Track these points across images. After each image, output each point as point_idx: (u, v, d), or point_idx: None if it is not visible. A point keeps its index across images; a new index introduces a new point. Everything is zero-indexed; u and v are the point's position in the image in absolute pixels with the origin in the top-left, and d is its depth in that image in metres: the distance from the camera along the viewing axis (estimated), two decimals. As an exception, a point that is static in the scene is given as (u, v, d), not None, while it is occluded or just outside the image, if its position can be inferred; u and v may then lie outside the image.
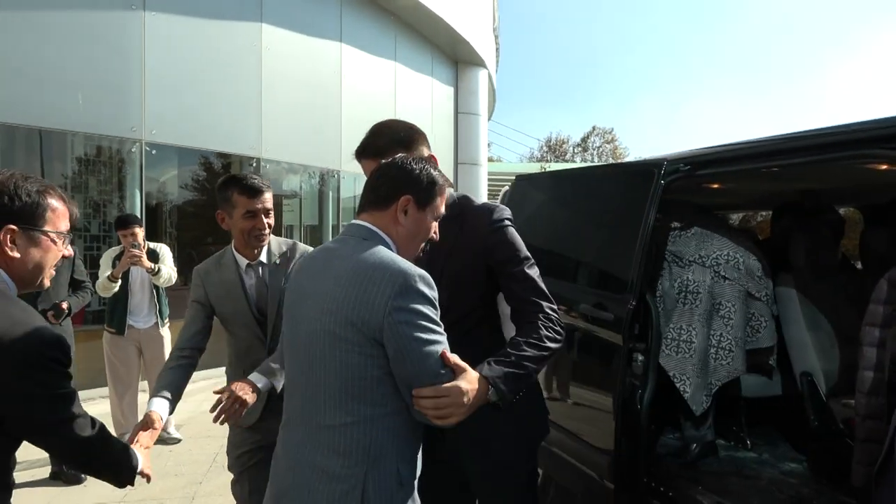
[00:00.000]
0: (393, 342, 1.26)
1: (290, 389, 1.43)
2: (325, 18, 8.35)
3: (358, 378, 1.27)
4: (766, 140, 2.35)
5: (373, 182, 1.47)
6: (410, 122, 1.76)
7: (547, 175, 3.64)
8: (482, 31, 13.17)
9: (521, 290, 1.68)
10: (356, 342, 1.26)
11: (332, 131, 8.37)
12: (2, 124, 5.33)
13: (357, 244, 1.38)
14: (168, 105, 6.25)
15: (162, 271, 4.27)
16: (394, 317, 1.25)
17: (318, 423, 1.31)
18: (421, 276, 1.30)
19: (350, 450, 1.27)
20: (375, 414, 1.28)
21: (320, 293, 1.33)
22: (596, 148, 45.63)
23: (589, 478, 2.67)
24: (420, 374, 1.28)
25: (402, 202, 1.42)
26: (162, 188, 7.08)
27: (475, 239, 1.68)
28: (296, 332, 1.39)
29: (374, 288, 1.26)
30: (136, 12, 5.98)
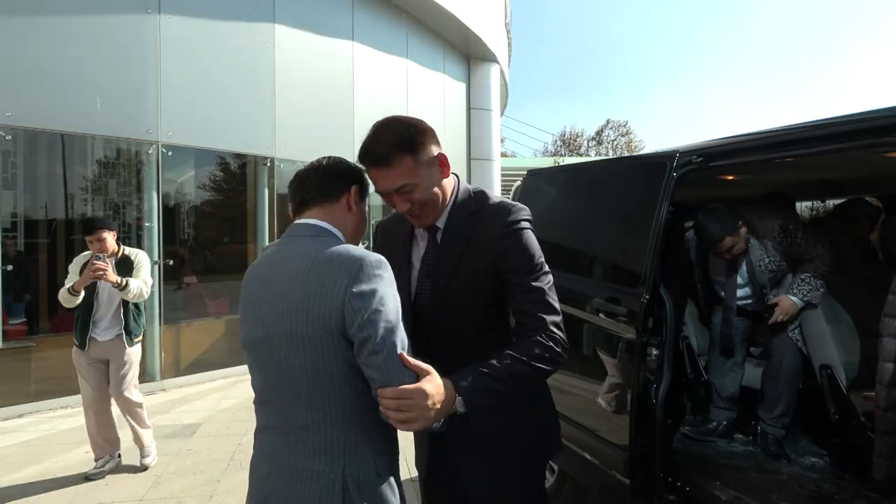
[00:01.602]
0: (354, 328, 1.23)
1: (261, 396, 1.40)
2: (337, 18, 8.37)
3: (326, 375, 1.27)
4: (780, 130, 2.31)
5: (320, 177, 1.46)
6: (415, 119, 1.56)
7: (558, 169, 3.61)
8: (494, 27, 13.11)
9: (527, 301, 1.52)
10: (320, 338, 1.25)
11: (346, 130, 8.40)
12: (24, 129, 5.42)
13: (308, 242, 1.36)
14: (183, 107, 6.31)
15: (130, 286, 3.78)
16: (353, 303, 1.22)
17: (291, 424, 1.30)
18: (377, 260, 1.29)
19: (325, 447, 1.28)
20: (346, 409, 1.28)
21: (276, 295, 1.31)
22: (611, 141, 45.23)
23: (605, 473, 2.66)
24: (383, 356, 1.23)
25: (354, 193, 1.46)
26: (178, 189, 7.17)
27: (487, 240, 1.55)
28: (257, 338, 1.35)
29: (331, 280, 1.25)
30: (151, 16, 6.04)
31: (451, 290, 1.57)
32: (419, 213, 1.56)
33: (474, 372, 1.38)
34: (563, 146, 45.29)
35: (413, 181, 1.49)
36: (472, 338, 1.59)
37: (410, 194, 1.51)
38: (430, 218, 1.59)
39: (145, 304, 4.11)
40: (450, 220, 1.61)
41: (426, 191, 1.52)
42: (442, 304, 1.58)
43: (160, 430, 4.87)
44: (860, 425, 2.53)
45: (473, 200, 1.62)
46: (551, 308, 1.53)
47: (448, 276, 1.57)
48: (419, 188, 1.51)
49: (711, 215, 2.97)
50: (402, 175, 1.48)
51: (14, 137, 5.54)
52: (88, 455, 4.30)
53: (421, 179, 1.50)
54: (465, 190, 1.65)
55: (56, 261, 6.12)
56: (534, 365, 1.44)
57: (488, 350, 1.52)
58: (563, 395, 2.91)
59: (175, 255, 6.74)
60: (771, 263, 3.06)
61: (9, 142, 5.45)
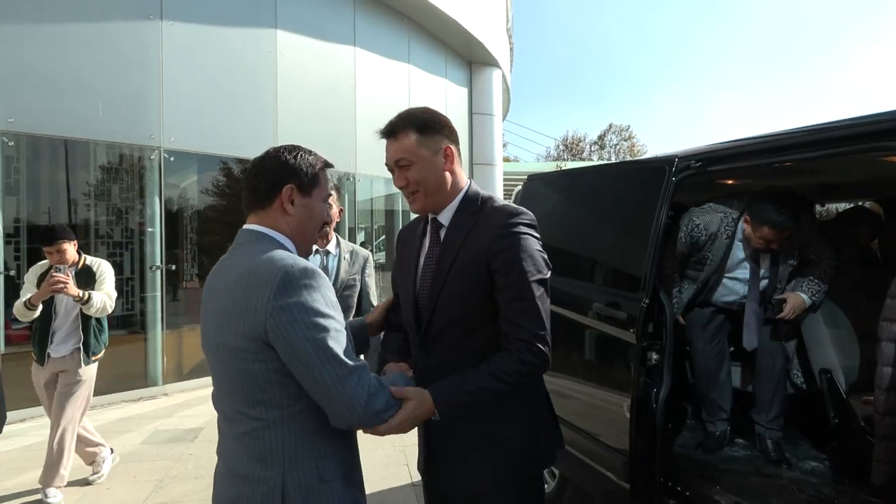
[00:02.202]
0: (281, 344, 1.22)
1: (214, 402, 1.43)
2: (338, 23, 8.40)
3: (260, 383, 1.26)
4: (779, 134, 2.32)
5: (251, 182, 1.42)
6: (439, 112, 1.67)
7: (558, 174, 3.62)
8: (496, 32, 13.16)
9: (513, 309, 1.52)
10: (249, 350, 1.24)
11: (348, 134, 8.43)
12: (27, 134, 5.45)
13: (246, 250, 1.35)
14: (185, 112, 6.34)
15: (93, 299, 3.50)
16: (275, 318, 1.21)
17: (234, 431, 1.32)
18: (302, 270, 1.25)
19: (266, 454, 1.27)
20: (284, 415, 1.27)
21: (214, 307, 1.32)
22: (613, 146, 45.28)
23: (605, 478, 2.66)
24: (316, 371, 1.22)
25: (286, 193, 1.40)
26: (181, 194, 7.19)
27: (483, 238, 1.55)
28: (207, 347, 1.38)
29: (254, 292, 1.23)
30: (153, 22, 6.08)
31: (447, 285, 1.59)
32: (414, 195, 1.63)
33: (450, 386, 1.48)
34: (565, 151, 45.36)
35: (411, 158, 1.58)
36: (467, 333, 1.60)
37: (407, 170, 1.60)
38: (423, 203, 1.65)
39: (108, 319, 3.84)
40: (454, 218, 1.65)
41: (422, 172, 1.59)
42: (438, 298, 1.61)
43: (162, 434, 4.88)
44: (860, 430, 2.53)
45: (479, 201, 1.66)
46: (537, 319, 1.51)
47: (445, 271, 1.60)
48: (416, 167, 1.59)
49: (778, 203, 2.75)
50: (403, 149, 1.59)
51: (17, 143, 5.57)
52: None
53: (420, 159, 1.59)
54: (475, 192, 1.69)
55: (59, 266, 6.14)
56: (508, 382, 1.49)
57: (482, 346, 1.57)
58: (565, 400, 2.92)
59: (177, 260, 6.76)
60: (793, 261, 2.99)
61: (12, 147, 5.48)
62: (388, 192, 10.26)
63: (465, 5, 10.72)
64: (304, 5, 7.73)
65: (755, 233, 2.83)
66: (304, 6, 7.73)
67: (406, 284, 1.73)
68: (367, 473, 2.80)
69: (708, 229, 2.99)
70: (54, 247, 3.46)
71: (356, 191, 9.08)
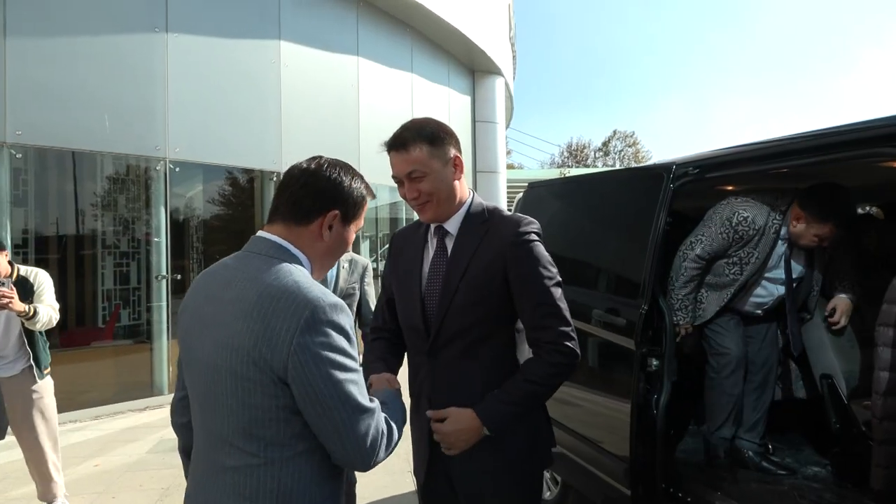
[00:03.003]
0: (298, 384, 1.12)
1: (194, 420, 1.29)
2: (342, 33, 8.48)
3: (262, 419, 1.14)
4: (776, 141, 2.34)
5: (295, 193, 1.28)
6: (444, 123, 1.70)
7: (559, 181, 3.65)
8: (498, 40, 13.24)
9: (537, 312, 1.59)
10: (259, 381, 1.12)
11: (351, 144, 8.48)
12: (34, 147, 5.52)
13: (262, 264, 1.21)
14: (190, 123, 6.40)
15: (39, 313, 3.16)
16: (299, 356, 1.10)
17: (221, 463, 1.18)
18: (332, 306, 1.15)
19: (256, 494, 1.15)
20: (283, 455, 1.16)
21: (219, 324, 1.18)
22: (618, 152, 45.34)
23: (607, 485, 2.66)
24: (336, 413, 1.14)
25: (330, 217, 1.29)
26: (187, 204, 7.25)
27: (496, 248, 1.61)
28: (194, 361, 1.24)
29: (277, 322, 1.11)
30: (159, 34, 6.15)
31: (458, 293, 1.63)
32: (425, 206, 1.65)
33: (494, 402, 1.57)
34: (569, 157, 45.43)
35: (424, 169, 1.60)
36: (477, 339, 1.64)
37: (419, 182, 1.61)
38: (435, 213, 1.67)
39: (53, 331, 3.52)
40: (462, 227, 1.69)
41: (435, 182, 1.62)
42: (449, 307, 1.64)
43: (168, 443, 4.90)
44: (861, 434, 2.53)
45: (487, 212, 1.71)
46: (561, 320, 1.60)
47: (457, 279, 1.63)
48: (428, 178, 1.61)
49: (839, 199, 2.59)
50: (415, 161, 1.60)
51: (25, 155, 5.65)
52: (98, 468, 4.35)
53: (432, 170, 1.61)
54: (480, 203, 1.74)
55: (66, 277, 6.20)
56: (545, 385, 1.60)
57: (492, 352, 1.65)
58: (566, 406, 2.93)
59: (183, 270, 6.81)
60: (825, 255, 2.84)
61: (19, 160, 5.55)
62: (392, 200, 10.32)
63: (467, 15, 10.80)
64: (308, 16, 7.81)
65: (811, 230, 2.62)
66: (308, 17, 7.81)
67: (409, 291, 1.75)
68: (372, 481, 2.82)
69: (756, 223, 2.72)
70: None
71: (360, 199, 9.09)
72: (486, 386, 1.63)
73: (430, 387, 1.71)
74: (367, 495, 3.66)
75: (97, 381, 6.11)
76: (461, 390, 1.64)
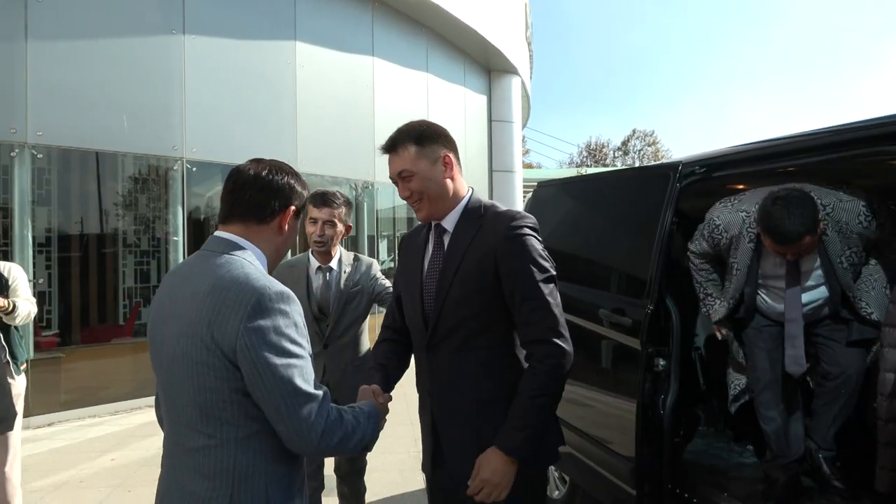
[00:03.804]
0: (246, 365, 1.20)
1: (162, 411, 1.39)
2: (357, 34, 8.53)
3: (217, 401, 1.23)
4: (783, 139, 2.31)
5: (254, 196, 1.38)
6: (436, 124, 1.76)
7: (566, 181, 3.64)
8: (514, 40, 13.20)
9: (525, 307, 1.59)
10: (212, 365, 1.21)
11: (367, 144, 8.52)
12: (55, 147, 5.65)
13: (217, 259, 1.31)
14: (207, 124, 6.49)
15: (18, 308, 3.05)
16: (246, 339, 1.20)
17: (182, 445, 1.28)
18: (278, 293, 1.25)
19: (214, 472, 1.24)
20: (238, 435, 1.24)
21: (178, 314, 1.28)
22: (637, 151, 44.94)
23: (613, 485, 2.65)
24: (278, 395, 1.21)
25: (289, 214, 1.42)
26: (204, 204, 7.35)
27: (489, 242, 1.63)
28: (159, 353, 1.33)
29: (226, 309, 1.21)
30: (176, 36, 6.25)
31: (453, 288, 1.65)
32: (418, 204, 1.70)
33: (510, 429, 1.56)
34: (588, 157, 45.13)
35: (412, 169, 1.66)
36: (473, 334, 1.66)
37: (409, 182, 1.67)
38: (428, 211, 1.71)
39: None
40: (458, 223, 1.72)
41: (424, 181, 1.67)
42: (444, 303, 1.66)
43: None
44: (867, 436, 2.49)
45: (482, 208, 1.73)
46: (549, 315, 1.59)
47: (451, 274, 1.66)
48: (417, 177, 1.66)
49: (789, 204, 2.23)
50: (404, 161, 1.67)
51: (48, 156, 5.78)
52: (114, 462, 4.44)
53: (420, 169, 1.66)
54: (478, 200, 1.76)
55: (88, 274, 6.32)
56: (548, 392, 1.57)
57: (489, 346, 1.66)
58: (574, 406, 2.92)
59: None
60: (853, 256, 2.40)
61: (41, 160, 5.67)
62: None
63: (483, 14, 10.79)
64: (323, 17, 7.87)
65: (764, 240, 2.39)
66: (323, 18, 7.87)
67: (411, 289, 1.79)
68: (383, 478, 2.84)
69: (728, 231, 2.57)
70: None
71: (376, 200, 9.17)
72: (483, 380, 1.64)
73: (430, 381, 1.73)
74: (378, 492, 3.69)
75: (116, 377, 6.22)
76: (459, 385, 1.66)
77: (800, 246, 2.28)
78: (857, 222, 2.31)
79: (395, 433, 4.62)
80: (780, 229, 2.25)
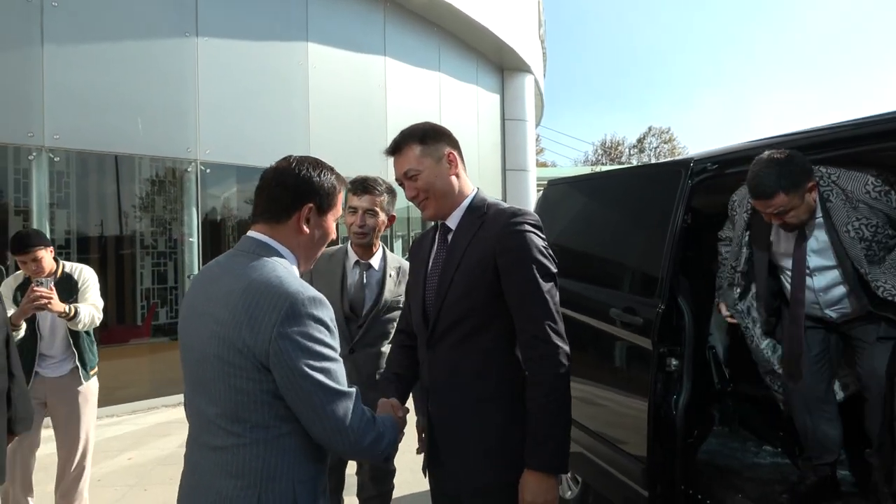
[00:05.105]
0: (279, 370, 1.21)
1: (188, 409, 1.39)
2: (369, 34, 8.54)
3: (248, 402, 1.23)
4: (796, 134, 2.28)
5: (269, 192, 1.38)
6: (438, 124, 1.77)
7: (578, 178, 3.61)
8: (527, 38, 13.13)
9: (524, 306, 1.58)
10: (244, 367, 1.22)
11: (379, 144, 8.38)
12: (71, 150, 5.73)
13: (248, 260, 1.31)
14: (221, 125, 6.54)
15: (80, 313, 3.01)
16: (279, 344, 1.19)
17: (210, 444, 1.28)
18: (311, 299, 1.24)
19: (242, 471, 1.24)
20: (268, 436, 1.25)
21: (209, 315, 1.27)
22: (653, 148, 44.53)
23: (625, 485, 2.62)
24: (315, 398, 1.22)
25: (305, 212, 1.37)
26: (217, 205, 7.42)
27: (488, 239, 1.63)
28: (188, 352, 1.33)
29: (259, 313, 1.21)
30: (189, 39, 6.31)
31: (453, 284, 1.65)
32: (424, 203, 1.71)
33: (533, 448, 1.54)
34: (603, 155, 44.83)
35: (418, 167, 1.67)
36: (474, 330, 1.64)
37: (415, 181, 1.68)
38: (435, 209, 1.72)
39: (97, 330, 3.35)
40: (461, 221, 1.72)
41: (429, 179, 1.68)
42: (445, 297, 1.66)
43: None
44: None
45: (486, 206, 1.73)
46: (546, 313, 1.57)
47: (452, 271, 1.66)
48: (422, 175, 1.67)
49: (771, 161, 2.16)
50: (409, 161, 1.68)
51: (66, 159, 5.86)
52: (131, 461, 4.49)
53: (425, 168, 1.67)
54: (482, 198, 1.76)
55: (106, 276, 6.41)
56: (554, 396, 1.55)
57: (490, 343, 1.64)
58: (586, 406, 2.90)
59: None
60: (862, 228, 2.17)
61: (59, 163, 5.76)
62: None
63: (496, 13, 10.75)
64: (335, 18, 7.90)
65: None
66: (335, 19, 7.90)
67: (416, 288, 1.80)
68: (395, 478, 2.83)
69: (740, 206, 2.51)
70: (29, 255, 2.93)
71: (389, 199, 9.15)
72: (482, 378, 1.63)
73: (430, 379, 1.73)
74: (389, 492, 3.68)
75: (134, 378, 6.30)
76: (457, 383, 1.65)
77: (777, 205, 2.15)
78: (864, 191, 2.15)
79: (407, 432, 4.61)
80: (754, 182, 2.19)
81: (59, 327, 3.10)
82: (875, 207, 2.15)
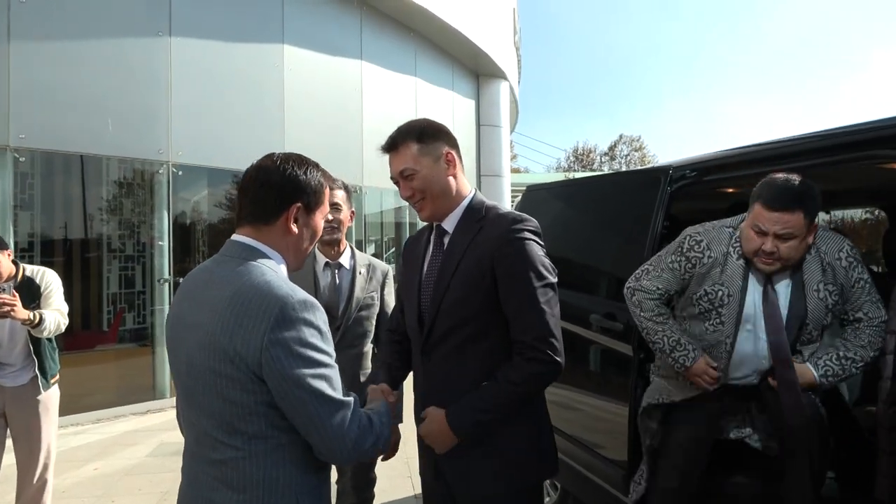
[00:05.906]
0: (273, 378, 1.15)
1: (181, 420, 1.33)
2: (345, 38, 8.49)
3: (243, 414, 1.17)
4: (775, 142, 2.30)
5: (254, 193, 1.31)
6: (437, 122, 1.71)
7: (556, 185, 3.62)
8: (503, 44, 13.23)
9: (518, 313, 1.54)
10: (236, 378, 1.16)
11: (355, 147, 8.48)
12: (37, 150, 5.55)
13: (235, 265, 1.25)
14: (193, 127, 6.42)
15: (45, 320, 2.88)
16: (271, 352, 1.14)
17: (208, 457, 1.22)
18: (302, 302, 1.19)
19: (244, 484, 1.19)
20: (267, 447, 1.20)
21: (197, 324, 1.21)
22: (624, 156, 45.23)
23: (604, 491, 2.63)
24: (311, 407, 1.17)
25: (293, 212, 1.32)
26: (189, 208, 7.26)
27: (488, 243, 1.58)
28: (177, 363, 1.27)
29: (249, 320, 1.15)
30: (162, 38, 6.18)
31: (450, 290, 1.61)
32: (421, 203, 1.66)
33: (467, 406, 1.54)
34: (575, 162, 45.38)
35: (415, 167, 1.62)
36: (470, 338, 1.61)
37: (412, 180, 1.62)
38: (431, 210, 1.67)
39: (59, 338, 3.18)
40: (458, 224, 1.68)
41: (426, 180, 1.62)
42: (441, 303, 1.62)
43: (168, 446, 4.90)
44: (864, 442, 2.48)
45: (484, 209, 1.69)
46: (543, 324, 1.52)
47: (449, 276, 1.62)
48: (420, 175, 1.62)
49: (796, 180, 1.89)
50: (406, 159, 1.62)
51: (31, 159, 5.67)
52: (97, 472, 4.35)
53: (423, 167, 1.62)
54: (480, 201, 1.72)
55: (71, 280, 6.21)
56: (519, 389, 1.52)
57: (486, 352, 1.60)
58: (566, 411, 2.90)
59: (186, 273, 6.82)
60: (828, 296, 1.96)
61: (24, 163, 5.57)
62: (396, 204, 10.31)
63: (471, 19, 10.80)
64: (311, 20, 7.83)
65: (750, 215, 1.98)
66: (311, 21, 7.83)
67: (410, 291, 1.75)
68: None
69: (712, 249, 2.07)
70: None
71: (364, 204, 9.12)
72: (476, 387, 1.59)
73: (424, 387, 1.70)
74: (366, 500, 3.63)
75: (100, 385, 6.11)
76: (451, 391, 1.61)
77: (791, 223, 1.85)
78: (836, 256, 1.96)
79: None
80: (778, 185, 1.89)
81: (19, 334, 2.96)
82: (838, 277, 1.96)
